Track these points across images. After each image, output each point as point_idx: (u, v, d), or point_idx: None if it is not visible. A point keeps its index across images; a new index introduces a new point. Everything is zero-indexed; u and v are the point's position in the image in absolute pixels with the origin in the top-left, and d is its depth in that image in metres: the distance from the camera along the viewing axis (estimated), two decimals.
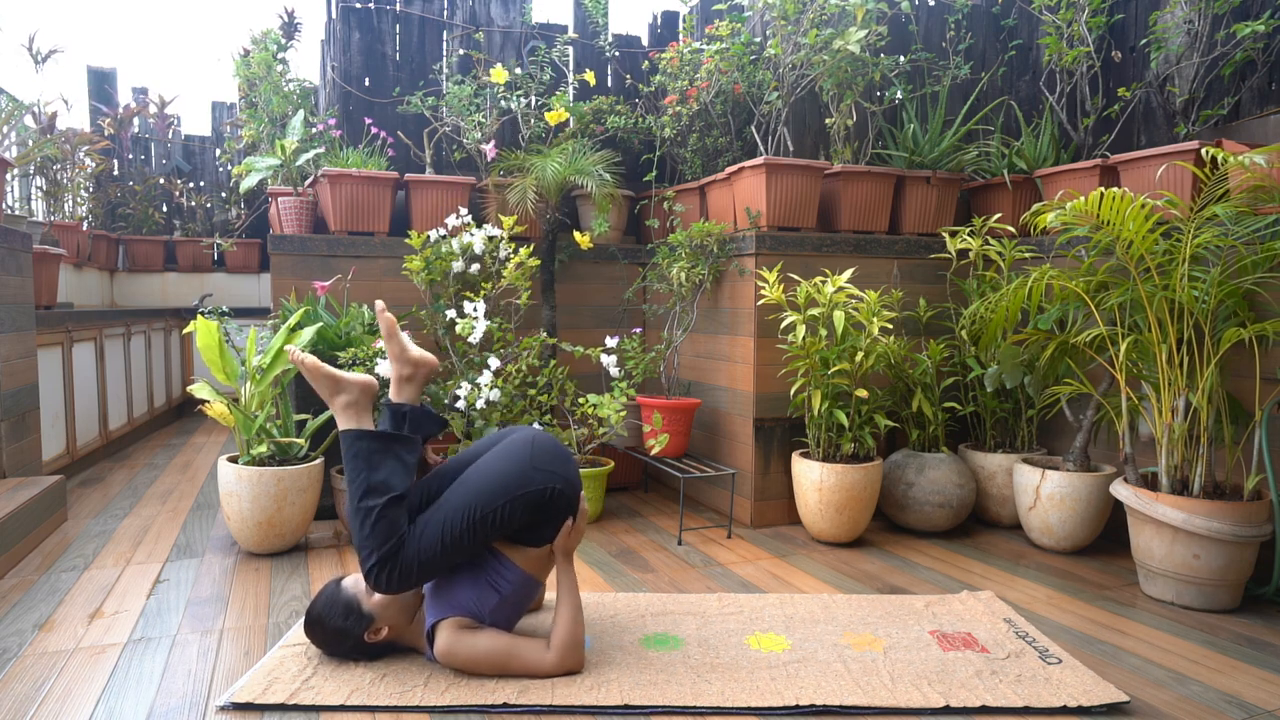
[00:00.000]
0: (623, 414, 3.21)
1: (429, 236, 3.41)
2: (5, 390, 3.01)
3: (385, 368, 2.89)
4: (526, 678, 1.83)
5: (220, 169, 6.76)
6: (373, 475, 1.80)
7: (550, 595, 2.28)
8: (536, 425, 1.91)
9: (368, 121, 3.89)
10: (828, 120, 3.38)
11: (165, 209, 6.56)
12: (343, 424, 1.88)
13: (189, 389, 2.97)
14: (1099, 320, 2.67)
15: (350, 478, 1.82)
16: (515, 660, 1.82)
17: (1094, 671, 1.89)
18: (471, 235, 3.41)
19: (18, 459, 3.11)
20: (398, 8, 4.02)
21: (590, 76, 4.00)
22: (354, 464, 1.82)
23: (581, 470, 3.18)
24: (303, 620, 2.12)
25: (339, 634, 1.86)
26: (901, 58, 3.51)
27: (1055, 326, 2.97)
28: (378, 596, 1.87)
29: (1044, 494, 2.82)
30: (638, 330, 3.68)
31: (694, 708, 1.72)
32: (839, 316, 2.82)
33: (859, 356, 2.86)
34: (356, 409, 1.89)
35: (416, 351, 1.96)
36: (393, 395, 1.95)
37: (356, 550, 1.79)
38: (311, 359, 1.91)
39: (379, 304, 1.97)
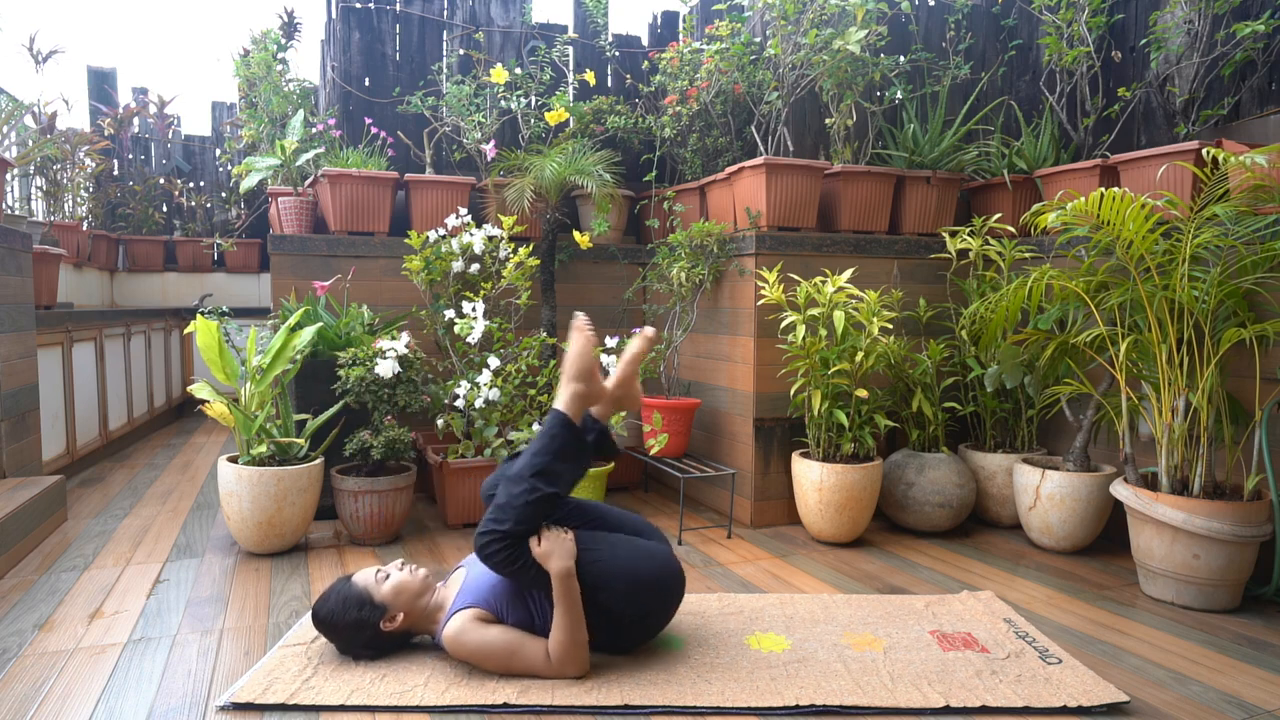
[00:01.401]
0: (622, 414, 3.21)
1: (429, 236, 3.41)
2: (5, 390, 3.01)
3: (385, 367, 2.89)
4: (528, 677, 1.83)
5: (220, 169, 6.76)
6: (555, 464, 1.87)
7: None
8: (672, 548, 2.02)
9: (368, 121, 3.89)
10: (828, 120, 3.38)
11: (165, 209, 6.56)
12: (562, 405, 1.93)
13: (189, 389, 2.97)
14: (1099, 320, 2.67)
15: (536, 451, 1.88)
16: (519, 658, 1.82)
17: (1094, 671, 1.89)
18: (471, 235, 3.41)
19: (18, 459, 3.11)
20: (398, 8, 4.02)
21: (590, 76, 4.00)
22: (548, 444, 1.88)
23: None
24: (310, 620, 2.12)
25: (356, 626, 1.87)
26: (901, 58, 3.51)
27: (1055, 326, 2.97)
28: (388, 587, 1.89)
29: (1044, 494, 2.82)
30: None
31: (694, 708, 1.72)
32: (839, 316, 2.82)
33: (859, 356, 2.86)
34: (582, 402, 1.96)
35: (620, 383, 2.05)
36: (576, 408, 1.97)
37: (493, 509, 1.84)
38: (591, 334, 1.99)
39: (579, 318, 2.02)
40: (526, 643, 1.83)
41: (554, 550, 1.83)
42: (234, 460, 2.81)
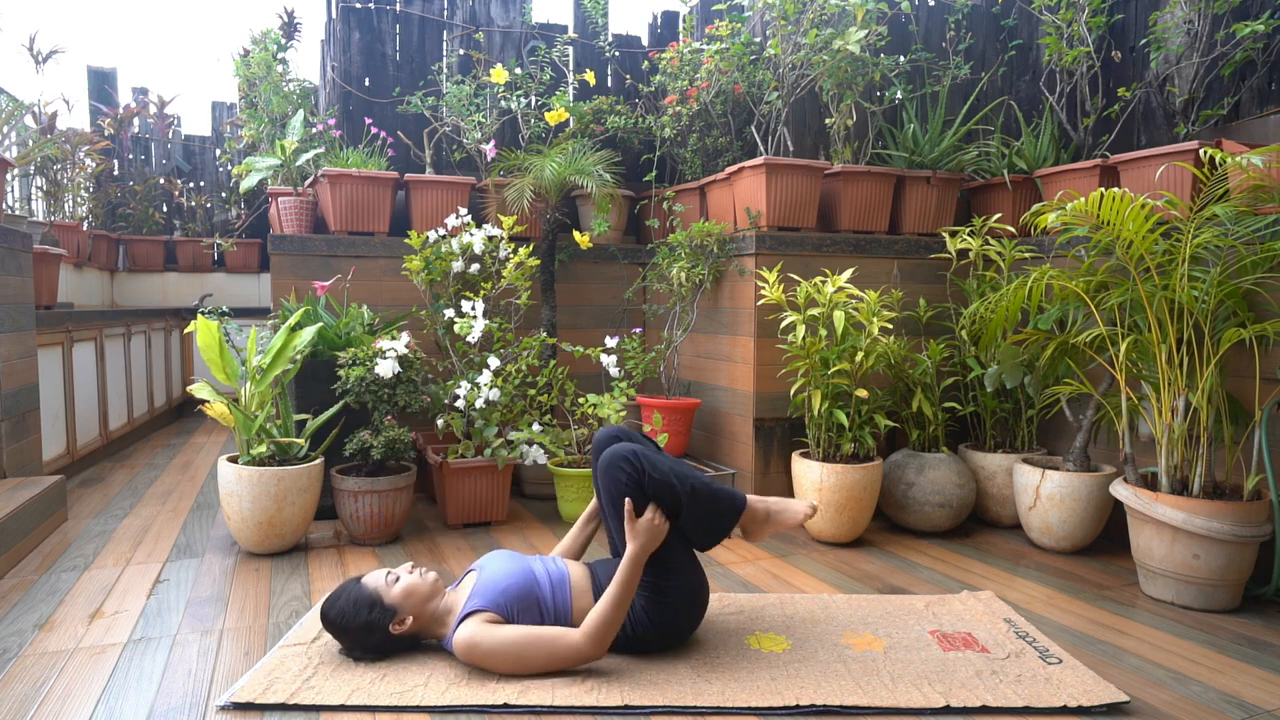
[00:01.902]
0: (623, 414, 3.21)
1: (429, 236, 3.41)
2: (5, 390, 3.01)
3: (385, 367, 2.89)
4: (547, 666, 1.83)
5: (220, 169, 6.76)
6: (711, 497, 1.99)
7: None
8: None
9: (368, 121, 3.89)
10: (828, 120, 3.38)
11: (165, 209, 6.56)
12: (749, 497, 2.08)
13: (189, 389, 2.97)
14: (1099, 320, 2.67)
15: (713, 483, 2.01)
16: (535, 646, 1.82)
17: (1094, 671, 1.89)
18: (471, 235, 3.41)
19: (18, 459, 3.11)
20: (398, 8, 4.02)
21: (590, 76, 4.00)
22: (720, 492, 2.02)
23: (581, 470, 3.18)
24: (310, 620, 2.13)
25: (366, 628, 1.88)
26: (901, 58, 3.51)
27: (1055, 326, 2.97)
28: (398, 590, 1.90)
29: (1044, 494, 2.82)
30: (638, 330, 3.68)
31: (694, 708, 1.72)
32: (839, 316, 2.82)
33: (859, 356, 2.86)
34: (753, 520, 2.10)
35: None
36: (751, 518, 2.10)
37: (653, 450, 2.02)
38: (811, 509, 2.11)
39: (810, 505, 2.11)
40: (541, 632, 1.84)
41: (645, 530, 1.87)
42: (234, 460, 2.81)
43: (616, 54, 4.35)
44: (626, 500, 1.88)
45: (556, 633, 1.84)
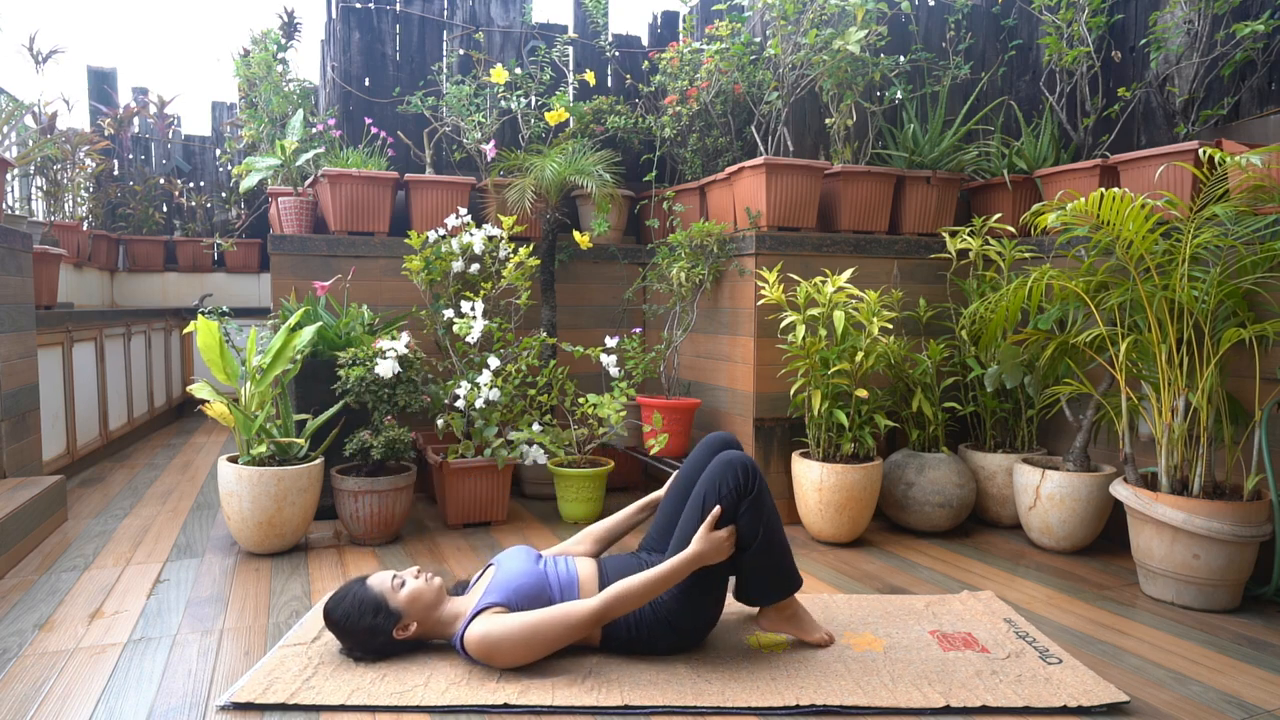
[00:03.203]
0: (623, 414, 3.21)
1: (429, 236, 3.41)
2: (5, 390, 3.01)
3: (385, 367, 2.89)
4: (558, 640, 1.84)
5: (220, 169, 6.76)
6: (780, 545, 2.02)
7: None
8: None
9: (368, 121, 3.89)
10: (828, 120, 3.38)
11: (165, 209, 6.56)
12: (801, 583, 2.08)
13: (189, 389, 2.97)
14: (1099, 320, 2.67)
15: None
16: (548, 621, 1.83)
17: (1094, 671, 1.89)
18: (471, 235, 3.41)
19: (18, 459, 3.11)
20: (398, 8, 4.02)
21: (590, 76, 4.00)
22: (786, 552, 2.04)
23: (581, 470, 3.18)
24: (310, 620, 2.13)
25: (370, 632, 1.88)
26: (901, 58, 3.51)
27: (1055, 326, 2.97)
28: (404, 595, 1.90)
29: (1044, 494, 2.82)
30: (638, 330, 3.68)
31: (694, 708, 1.72)
32: (839, 316, 2.82)
33: (859, 356, 2.85)
34: (788, 625, 2.08)
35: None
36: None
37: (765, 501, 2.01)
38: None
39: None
40: (547, 611, 1.85)
41: (715, 543, 1.88)
42: (234, 460, 2.81)
43: (616, 54, 4.35)
44: (718, 506, 1.90)
45: (564, 610, 1.85)
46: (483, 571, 2.08)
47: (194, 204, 6.65)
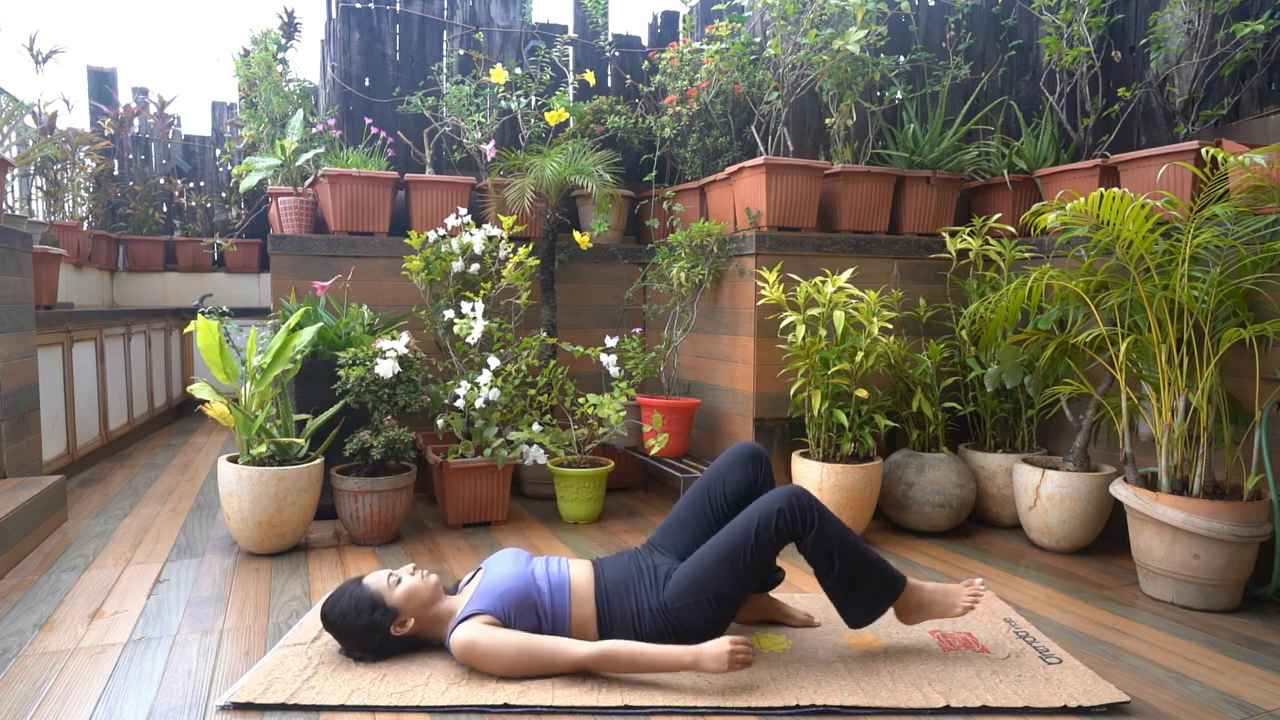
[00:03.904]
0: (623, 414, 3.21)
1: (429, 236, 3.41)
2: (5, 390, 3.01)
3: (385, 367, 2.89)
4: (542, 673, 1.82)
5: (220, 169, 6.76)
6: (864, 561, 1.97)
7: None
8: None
9: (368, 121, 3.89)
10: (828, 120, 3.38)
11: (165, 209, 6.56)
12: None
13: (189, 389, 2.97)
14: (1099, 320, 2.67)
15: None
16: (533, 655, 1.81)
17: (1094, 671, 1.89)
18: (471, 235, 3.41)
19: (18, 459, 3.11)
20: (398, 8, 4.02)
21: (590, 76, 4.00)
22: (875, 564, 1.99)
23: (581, 470, 3.18)
24: (310, 620, 2.13)
25: (368, 629, 1.88)
26: (901, 58, 3.51)
27: (1055, 326, 2.97)
28: (400, 591, 1.90)
29: (1044, 494, 2.82)
30: (638, 330, 3.68)
31: (694, 708, 1.72)
32: (839, 316, 2.82)
33: (859, 356, 2.86)
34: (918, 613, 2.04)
35: None
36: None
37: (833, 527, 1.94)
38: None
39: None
40: (540, 642, 1.82)
41: (716, 659, 1.77)
42: (234, 460, 2.81)
43: (616, 54, 4.34)
44: (745, 642, 1.79)
45: (556, 646, 1.82)
46: (472, 575, 2.06)
47: (194, 204, 6.65)
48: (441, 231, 3.45)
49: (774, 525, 1.86)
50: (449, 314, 3.34)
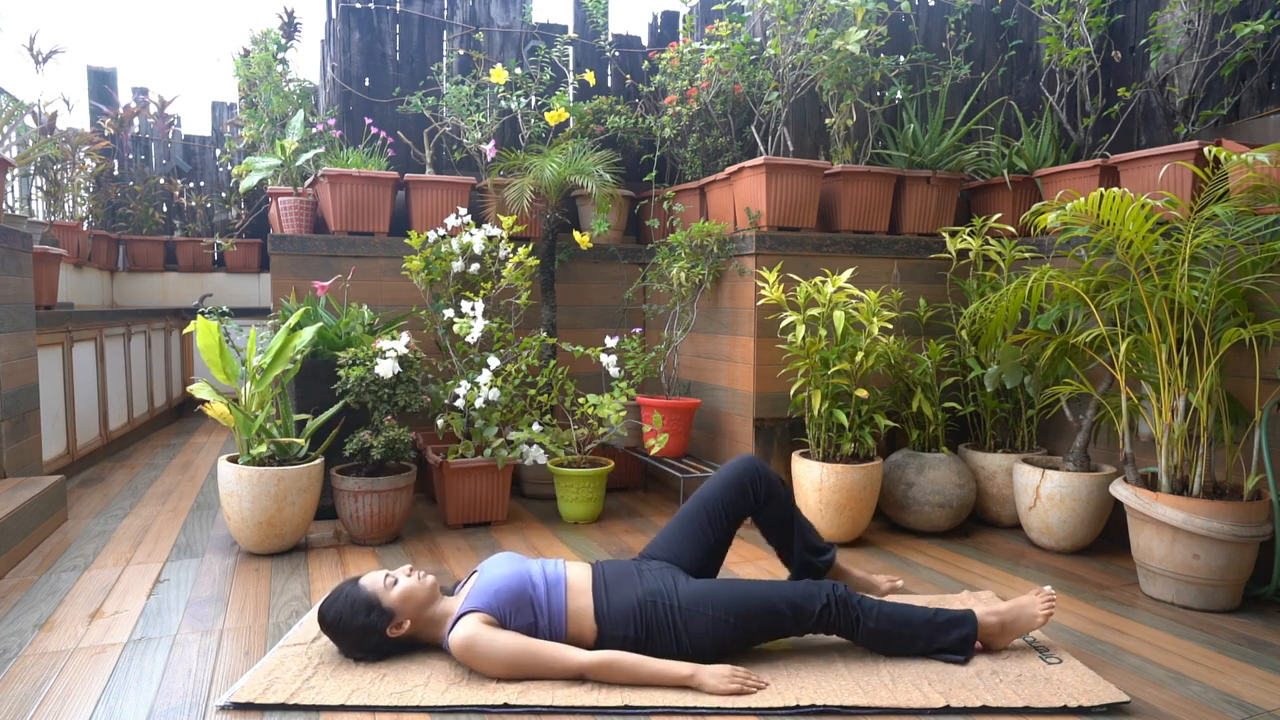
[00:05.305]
0: (623, 414, 3.21)
1: (429, 236, 3.41)
2: (5, 390, 3.01)
3: (385, 367, 2.89)
4: (540, 677, 1.81)
5: (220, 169, 6.76)
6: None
7: None
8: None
9: (368, 121, 3.89)
10: (828, 120, 3.38)
11: (165, 209, 6.56)
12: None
13: (189, 389, 2.97)
14: (1099, 320, 2.67)
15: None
16: (536, 655, 1.81)
17: (1094, 671, 1.89)
18: (471, 235, 3.41)
19: (18, 459, 3.11)
20: (398, 8, 4.02)
21: (590, 76, 4.00)
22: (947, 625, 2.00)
23: (581, 470, 3.18)
24: (310, 620, 2.13)
25: (364, 630, 1.87)
26: (901, 58, 3.51)
27: (1055, 326, 2.97)
28: (396, 593, 1.90)
29: (1044, 494, 2.82)
30: (638, 330, 3.68)
31: (694, 708, 1.72)
32: (839, 316, 2.82)
33: (859, 356, 2.86)
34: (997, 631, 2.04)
35: None
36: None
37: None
38: None
39: None
40: (540, 647, 1.82)
41: (716, 685, 1.78)
42: (234, 460, 2.81)
43: (616, 54, 4.35)
44: (760, 685, 1.80)
45: (556, 651, 1.81)
46: (469, 577, 2.06)
47: (194, 204, 6.65)
48: (441, 231, 3.45)
49: (815, 616, 1.91)
50: (449, 314, 3.34)
